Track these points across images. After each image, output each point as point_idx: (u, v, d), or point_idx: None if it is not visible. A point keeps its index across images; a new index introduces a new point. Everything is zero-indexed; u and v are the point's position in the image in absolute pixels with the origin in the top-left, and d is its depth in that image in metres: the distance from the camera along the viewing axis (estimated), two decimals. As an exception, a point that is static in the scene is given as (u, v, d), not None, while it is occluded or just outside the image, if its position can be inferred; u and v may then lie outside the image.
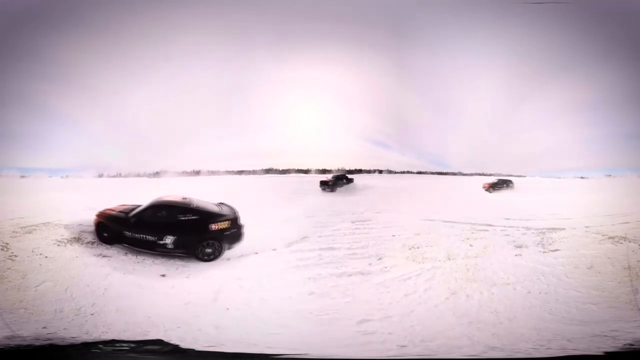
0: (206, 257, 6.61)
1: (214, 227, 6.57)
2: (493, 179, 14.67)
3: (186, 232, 6.45)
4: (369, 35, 11.46)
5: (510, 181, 14.49)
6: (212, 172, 15.11)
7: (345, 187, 16.16)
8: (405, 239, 9.63)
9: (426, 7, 10.87)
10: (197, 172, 15.06)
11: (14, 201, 11.16)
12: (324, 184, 15.89)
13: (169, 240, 6.44)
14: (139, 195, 9.62)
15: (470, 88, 12.90)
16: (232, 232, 6.65)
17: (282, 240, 9.05)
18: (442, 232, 10.09)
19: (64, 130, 12.15)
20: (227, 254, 8.58)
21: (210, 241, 6.51)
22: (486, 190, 14.76)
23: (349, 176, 16.51)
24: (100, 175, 13.92)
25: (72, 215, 10.84)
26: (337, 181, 16.16)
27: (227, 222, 6.86)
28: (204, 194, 8.44)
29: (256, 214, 9.66)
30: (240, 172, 15.29)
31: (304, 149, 13.96)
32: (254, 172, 15.47)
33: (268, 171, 15.98)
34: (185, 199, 7.17)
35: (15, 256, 8.15)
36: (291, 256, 8.62)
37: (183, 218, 6.60)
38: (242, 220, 7.46)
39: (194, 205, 6.84)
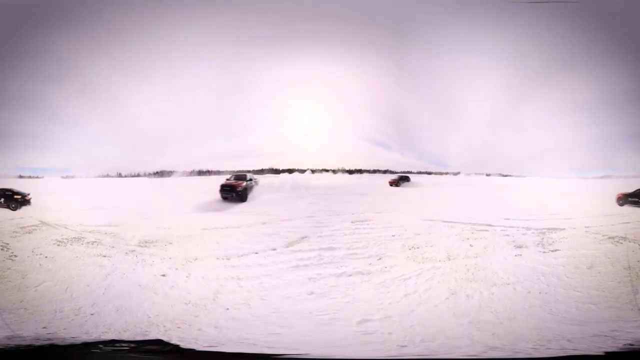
0: (11, 209, 11.81)
1: (15, 197, 11.92)
2: (395, 176, 16.62)
3: (7, 198, 11.90)
4: (369, 35, 11.47)
5: (408, 177, 16.71)
6: (214, 172, 15.11)
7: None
8: (405, 239, 9.63)
9: (426, 7, 10.87)
10: (199, 172, 15.05)
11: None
12: (227, 190, 11.99)
13: (2, 200, 11.80)
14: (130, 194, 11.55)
15: (470, 88, 12.93)
16: (19, 200, 11.89)
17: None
18: (442, 232, 10.09)
19: (64, 130, 12.24)
20: (227, 253, 8.67)
21: (13, 202, 11.83)
22: (392, 185, 16.29)
23: (256, 176, 13.65)
24: (106, 175, 14.01)
25: (72, 214, 10.90)
26: (248, 183, 12.85)
27: (20, 196, 11.95)
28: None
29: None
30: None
31: (304, 149, 13.93)
32: (260, 172, 15.18)
33: (271, 171, 15.49)
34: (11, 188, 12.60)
35: (15, 256, 8.16)
36: (291, 256, 8.65)
37: (7, 193, 11.93)
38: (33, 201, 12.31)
39: (11, 189, 12.21)
